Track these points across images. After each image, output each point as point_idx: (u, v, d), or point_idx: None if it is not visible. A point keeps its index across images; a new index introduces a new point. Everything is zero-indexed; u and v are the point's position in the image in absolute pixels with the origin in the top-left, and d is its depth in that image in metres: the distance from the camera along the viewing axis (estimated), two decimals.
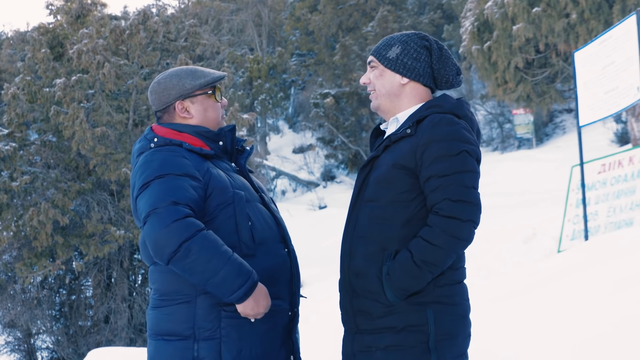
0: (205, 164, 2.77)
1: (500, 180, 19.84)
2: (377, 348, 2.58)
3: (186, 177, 2.66)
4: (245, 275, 2.58)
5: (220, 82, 2.98)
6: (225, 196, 2.72)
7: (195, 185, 2.66)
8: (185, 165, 2.69)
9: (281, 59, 34.04)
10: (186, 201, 2.60)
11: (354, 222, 2.68)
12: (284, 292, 2.80)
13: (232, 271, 2.55)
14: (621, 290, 4.78)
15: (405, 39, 2.77)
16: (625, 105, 8.51)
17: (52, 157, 17.03)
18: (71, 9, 18.47)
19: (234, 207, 2.72)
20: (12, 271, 17.24)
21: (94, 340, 16.90)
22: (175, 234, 2.52)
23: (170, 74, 2.92)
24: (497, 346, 4.71)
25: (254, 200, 2.83)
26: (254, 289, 2.61)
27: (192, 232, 2.53)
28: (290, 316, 2.82)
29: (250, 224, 2.73)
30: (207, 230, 2.59)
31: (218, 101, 2.94)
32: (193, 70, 2.94)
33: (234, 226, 2.70)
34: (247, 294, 2.59)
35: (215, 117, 2.93)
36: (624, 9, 16.80)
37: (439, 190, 2.52)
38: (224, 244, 2.60)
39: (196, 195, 2.65)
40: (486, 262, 11.00)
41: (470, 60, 20.82)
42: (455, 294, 2.61)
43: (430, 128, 2.59)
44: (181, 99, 2.89)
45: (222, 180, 2.75)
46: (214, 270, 2.53)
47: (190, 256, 2.52)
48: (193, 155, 2.77)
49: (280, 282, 2.79)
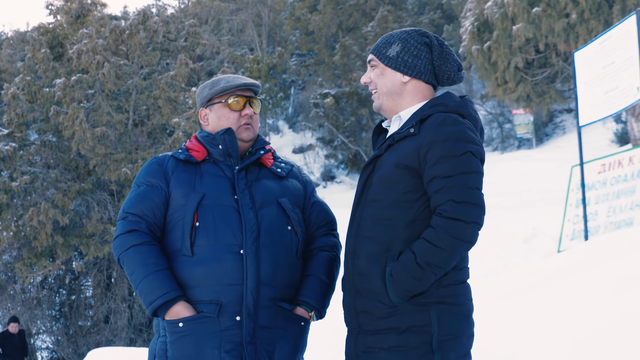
0: (185, 170, 2.89)
1: (500, 180, 19.83)
2: (381, 348, 2.56)
3: (148, 186, 2.89)
4: (157, 293, 2.71)
5: (245, 90, 2.96)
6: (180, 200, 2.84)
7: (156, 191, 2.87)
8: (152, 172, 2.91)
9: (281, 59, 34.03)
10: (138, 211, 2.85)
11: (357, 222, 2.66)
12: (224, 297, 2.74)
13: (146, 288, 2.74)
14: (621, 290, 4.78)
15: (405, 36, 2.73)
16: (625, 105, 8.51)
17: (52, 157, 17.04)
18: (71, 9, 18.47)
19: (184, 209, 2.81)
20: (12, 271, 17.25)
21: (94, 340, 16.90)
22: (116, 246, 2.86)
23: (204, 83, 3.07)
24: (497, 346, 4.71)
25: (222, 205, 2.81)
26: (167, 307, 2.72)
27: (127, 247, 2.80)
28: (239, 323, 2.74)
29: (198, 225, 2.78)
30: (142, 245, 2.79)
31: (234, 110, 2.95)
32: (218, 79, 3.01)
33: (181, 228, 2.81)
34: (159, 311, 2.73)
35: (227, 125, 2.94)
36: (624, 9, 16.80)
37: (442, 191, 2.49)
38: (155, 259, 2.77)
39: (155, 201, 2.86)
40: (486, 262, 11.00)
41: (470, 60, 20.82)
42: (459, 294, 2.59)
43: (434, 127, 2.55)
44: (203, 106, 3.03)
45: (184, 186, 2.85)
46: (135, 282, 2.78)
47: (124, 266, 2.83)
48: (174, 161, 2.92)
49: (214, 287, 2.75)
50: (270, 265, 2.80)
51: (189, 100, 17.40)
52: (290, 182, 3.01)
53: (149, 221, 2.83)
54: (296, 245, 2.91)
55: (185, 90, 17.68)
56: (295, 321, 2.86)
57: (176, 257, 2.79)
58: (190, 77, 18.29)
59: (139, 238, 2.79)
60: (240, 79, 2.96)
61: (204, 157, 2.92)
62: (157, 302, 2.70)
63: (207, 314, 2.72)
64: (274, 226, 2.86)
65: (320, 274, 2.91)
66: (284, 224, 2.89)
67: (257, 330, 2.76)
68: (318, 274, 2.91)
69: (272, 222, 2.86)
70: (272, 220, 2.86)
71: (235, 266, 2.76)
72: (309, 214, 3.02)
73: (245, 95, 2.97)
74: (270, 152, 3.02)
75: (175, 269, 2.78)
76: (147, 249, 2.77)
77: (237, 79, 2.97)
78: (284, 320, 2.83)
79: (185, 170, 2.88)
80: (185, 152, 2.93)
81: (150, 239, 2.80)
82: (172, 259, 2.80)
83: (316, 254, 2.95)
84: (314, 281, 2.90)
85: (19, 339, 13.93)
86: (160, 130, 17.81)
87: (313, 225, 3.01)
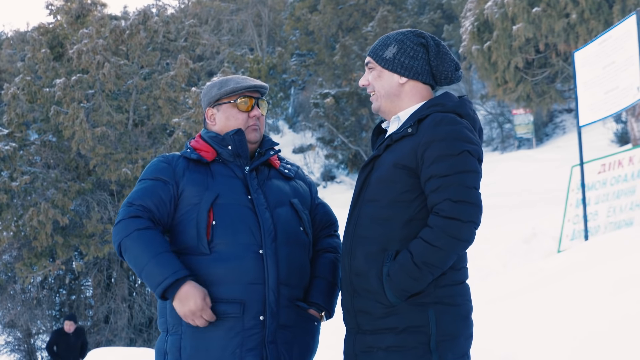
0: (197, 170, 2.88)
1: (500, 180, 19.84)
2: (379, 348, 2.56)
3: (156, 181, 2.86)
4: (166, 273, 2.66)
5: (254, 92, 2.97)
6: (192, 199, 2.82)
7: (163, 187, 2.84)
8: (160, 169, 2.88)
9: (281, 59, 34.03)
10: (143, 202, 2.81)
11: (354, 221, 2.66)
12: (247, 296, 2.74)
13: (155, 268, 2.68)
14: (621, 291, 4.78)
15: (401, 38, 2.73)
16: (625, 105, 8.51)
17: (52, 157, 17.03)
18: (71, 9, 18.47)
19: (198, 208, 2.79)
20: (12, 271, 17.24)
21: (94, 340, 16.90)
22: (118, 231, 2.79)
23: (210, 83, 3.05)
24: (497, 346, 4.71)
25: (237, 204, 2.82)
26: (177, 287, 2.66)
27: (130, 231, 2.74)
28: (262, 322, 2.76)
29: (215, 224, 2.77)
30: (147, 229, 2.74)
31: (243, 111, 2.95)
32: (227, 79, 3.00)
33: (195, 226, 2.79)
34: (168, 291, 2.67)
35: (235, 126, 2.94)
36: (624, 9, 16.80)
37: (439, 191, 2.49)
38: (160, 241, 2.73)
39: (162, 196, 2.83)
40: (486, 262, 11.00)
41: (470, 60, 20.83)
42: (457, 294, 2.59)
43: (432, 127, 2.55)
44: (210, 106, 3.02)
45: (197, 185, 2.84)
46: (141, 265, 2.71)
47: (126, 251, 2.75)
48: (184, 161, 2.90)
49: (236, 285, 2.74)
50: (288, 265, 2.83)
51: (189, 100, 17.39)
52: (298, 184, 3.04)
53: (153, 213, 2.81)
54: (308, 246, 2.95)
55: (185, 90, 17.68)
56: (310, 320, 2.90)
57: (191, 256, 2.78)
58: (190, 77, 18.30)
59: (142, 223, 2.76)
60: (249, 81, 2.98)
61: (214, 157, 2.92)
62: (167, 282, 2.66)
63: (233, 314, 2.73)
64: (289, 226, 2.88)
65: (327, 275, 2.94)
66: (297, 225, 2.92)
67: (278, 329, 2.79)
68: (325, 275, 2.94)
69: (287, 223, 2.89)
70: (287, 221, 2.89)
71: (256, 265, 2.77)
72: (313, 215, 3.05)
73: (253, 96, 2.98)
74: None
75: (191, 268, 2.76)
76: (151, 232, 2.75)
77: (245, 80, 2.99)
78: (301, 319, 2.86)
79: (196, 170, 2.88)
80: (195, 152, 2.92)
81: (153, 225, 2.78)
82: (186, 258, 2.78)
83: (321, 255, 2.98)
84: (322, 282, 2.93)
85: (75, 339, 13.18)
86: (160, 130, 17.81)
87: (317, 227, 3.05)
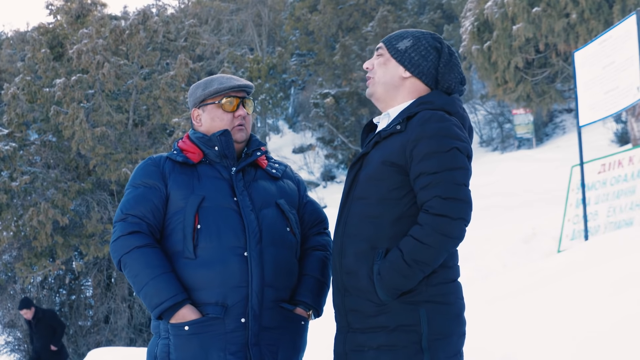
0: (183, 172, 2.86)
1: (500, 180, 19.82)
2: (370, 347, 2.54)
3: (147, 187, 2.84)
4: (164, 296, 2.69)
5: (239, 91, 2.95)
6: (179, 202, 2.81)
7: (155, 193, 2.83)
8: (150, 173, 2.86)
9: (281, 59, 34.03)
10: (138, 212, 2.80)
11: (344, 220, 2.65)
12: (229, 299, 2.74)
13: (153, 290, 2.70)
14: (621, 291, 4.78)
15: (419, 35, 2.75)
16: (625, 105, 8.51)
17: (52, 157, 17.03)
18: (71, 9, 18.46)
19: (184, 212, 2.78)
20: (12, 271, 17.24)
21: (94, 340, 16.90)
22: (116, 248, 2.79)
23: (196, 83, 3.03)
24: (497, 346, 4.71)
25: (222, 207, 2.80)
26: (174, 311, 2.69)
27: (129, 248, 2.75)
28: (244, 325, 2.75)
29: (200, 227, 2.76)
30: (146, 247, 2.75)
31: (228, 111, 2.93)
32: (211, 79, 2.98)
33: (182, 231, 2.78)
34: (165, 314, 2.70)
35: (221, 127, 2.92)
36: (624, 9, 16.79)
37: (429, 188, 2.48)
38: (160, 261, 2.74)
39: (155, 202, 2.82)
40: (486, 262, 11.00)
41: (470, 60, 20.81)
42: (449, 292, 2.57)
43: (421, 124, 2.55)
44: (195, 107, 2.99)
45: (183, 188, 2.82)
46: (139, 285, 2.73)
47: (125, 269, 2.77)
48: (170, 163, 2.88)
49: (220, 289, 2.74)
50: (273, 267, 2.81)
51: None
52: (285, 183, 3.02)
53: (150, 223, 2.81)
54: (295, 246, 2.92)
55: (185, 90, 17.67)
56: (296, 321, 2.87)
57: (177, 260, 2.78)
58: (190, 77, 18.28)
59: (142, 240, 2.77)
60: (233, 80, 2.95)
61: (200, 158, 2.90)
62: (164, 305, 2.68)
63: (214, 315, 2.71)
64: (274, 228, 2.86)
65: (315, 273, 2.93)
66: (284, 226, 2.90)
67: (261, 331, 2.77)
68: (313, 273, 2.92)
69: (273, 224, 2.86)
70: (273, 222, 2.87)
71: (240, 268, 2.76)
72: (302, 213, 3.03)
73: (238, 96, 2.96)
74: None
75: (177, 272, 2.76)
76: (151, 251, 2.75)
77: (230, 79, 2.96)
78: (285, 320, 2.84)
79: (182, 172, 2.87)
80: (181, 154, 2.90)
81: (152, 241, 2.78)
82: (173, 262, 2.78)
83: (310, 254, 2.97)
84: (310, 280, 2.91)
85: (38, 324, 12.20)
86: (160, 130, 17.81)
87: (306, 225, 3.03)
